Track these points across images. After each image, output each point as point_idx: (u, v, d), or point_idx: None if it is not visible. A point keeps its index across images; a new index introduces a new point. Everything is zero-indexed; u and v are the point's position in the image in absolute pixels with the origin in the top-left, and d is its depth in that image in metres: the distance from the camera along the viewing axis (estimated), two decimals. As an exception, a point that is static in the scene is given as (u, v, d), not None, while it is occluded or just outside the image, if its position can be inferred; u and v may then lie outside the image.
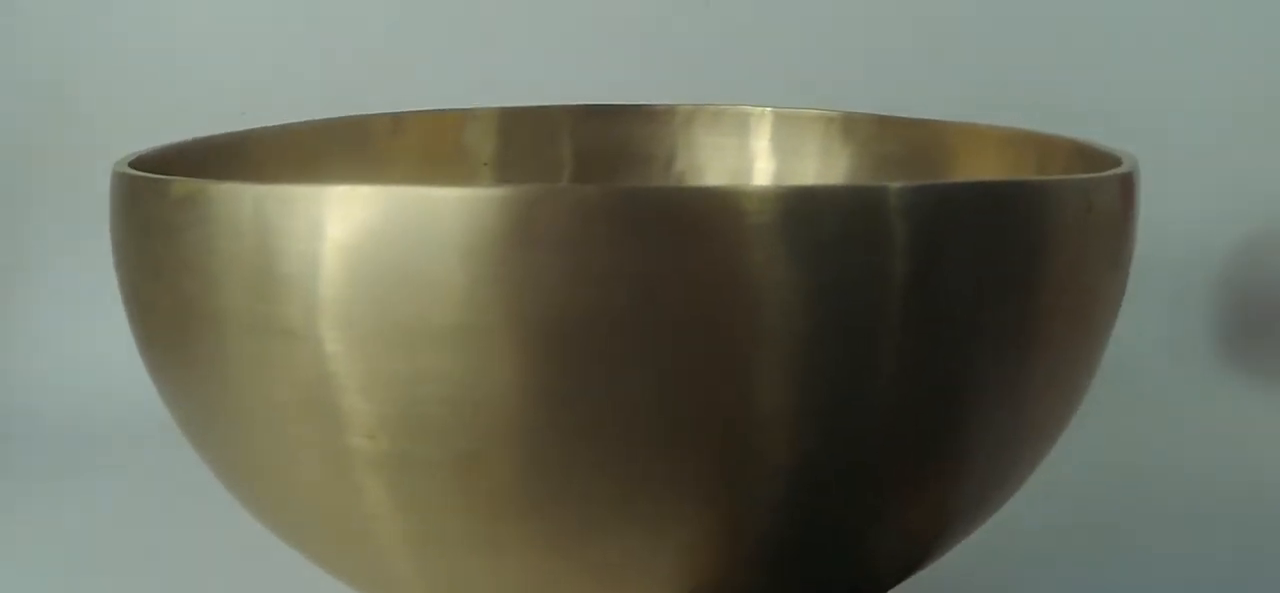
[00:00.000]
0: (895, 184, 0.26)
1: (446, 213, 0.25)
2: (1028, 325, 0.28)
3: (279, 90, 0.60)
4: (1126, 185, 0.31)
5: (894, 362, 0.26)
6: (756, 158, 0.50)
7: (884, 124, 0.47)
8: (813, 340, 0.26)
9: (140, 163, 0.32)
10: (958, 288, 0.27)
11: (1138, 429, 0.54)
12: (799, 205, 0.25)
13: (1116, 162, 0.33)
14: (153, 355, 0.31)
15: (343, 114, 0.45)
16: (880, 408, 0.27)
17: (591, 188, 0.25)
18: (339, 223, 0.25)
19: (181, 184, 0.27)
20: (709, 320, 0.25)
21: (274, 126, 0.43)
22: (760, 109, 0.50)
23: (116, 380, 0.49)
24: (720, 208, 0.25)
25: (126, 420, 0.51)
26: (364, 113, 0.46)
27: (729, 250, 0.25)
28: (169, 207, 0.28)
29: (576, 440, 0.26)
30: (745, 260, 0.25)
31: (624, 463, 0.26)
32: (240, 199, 0.26)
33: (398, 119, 0.47)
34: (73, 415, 0.57)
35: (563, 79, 0.56)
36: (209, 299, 0.27)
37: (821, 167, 0.48)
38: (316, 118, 0.45)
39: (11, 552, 0.44)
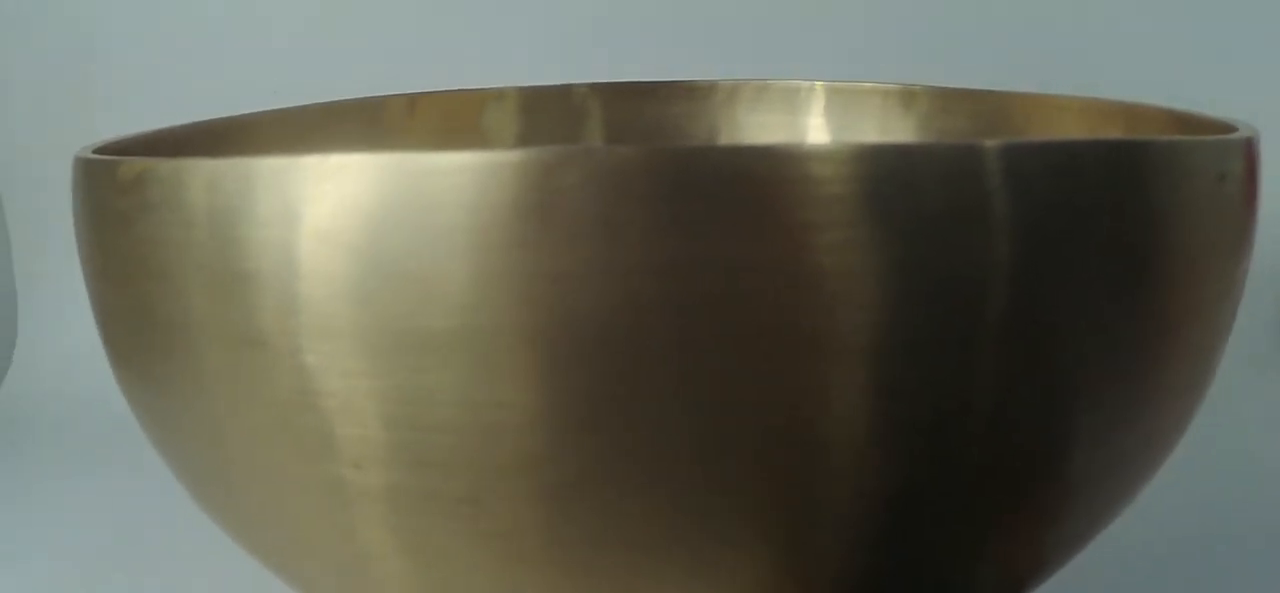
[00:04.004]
0: (991, 142, 0.22)
1: (451, 186, 0.20)
2: (1153, 321, 0.24)
3: (299, 78, 0.58)
4: (1251, 152, 0.27)
5: (997, 366, 0.22)
6: (807, 135, 0.48)
7: (946, 97, 0.45)
8: (900, 339, 0.21)
9: (109, 149, 0.28)
10: (1072, 274, 0.22)
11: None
12: (890, 168, 0.21)
13: (1230, 128, 0.29)
14: (119, 370, 0.27)
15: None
16: (980, 422, 0.23)
17: (630, 148, 0.20)
18: (316, 204, 0.21)
19: (130, 165, 0.23)
20: (779, 317, 0.21)
21: (276, 109, 0.41)
22: (810, 83, 0.48)
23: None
24: (793, 173, 0.20)
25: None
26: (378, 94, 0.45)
27: (799, 227, 0.20)
28: (119, 192, 0.23)
29: (612, 470, 0.21)
30: (819, 239, 0.20)
31: (671, 496, 0.21)
32: (189, 178, 0.22)
33: (413, 100, 0.45)
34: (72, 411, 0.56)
35: (591, 55, 0.54)
36: (166, 303, 0.23)
37: (879, 145, 0.45)
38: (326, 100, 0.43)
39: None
